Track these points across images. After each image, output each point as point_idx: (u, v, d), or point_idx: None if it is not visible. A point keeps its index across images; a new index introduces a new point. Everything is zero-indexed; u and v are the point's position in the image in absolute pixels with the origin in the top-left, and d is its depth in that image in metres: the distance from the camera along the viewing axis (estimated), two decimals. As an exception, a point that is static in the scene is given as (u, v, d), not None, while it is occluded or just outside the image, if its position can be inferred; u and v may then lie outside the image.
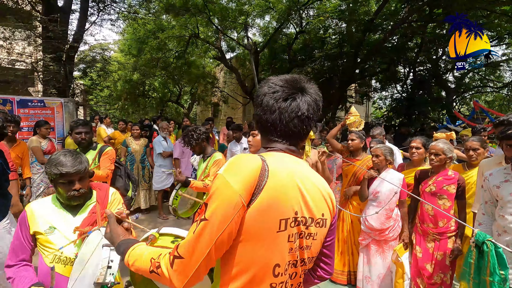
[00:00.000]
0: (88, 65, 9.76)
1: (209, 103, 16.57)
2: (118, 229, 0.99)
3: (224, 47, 13.43)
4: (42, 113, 6.04)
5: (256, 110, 0.92)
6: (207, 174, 2.75)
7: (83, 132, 2.75)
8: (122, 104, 15.38)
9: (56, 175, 1.41)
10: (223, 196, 0.76)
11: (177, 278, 0.74)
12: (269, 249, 0.79)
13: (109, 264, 1.16)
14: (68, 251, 1.43)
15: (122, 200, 1.75)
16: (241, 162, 0.80)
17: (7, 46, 8.04)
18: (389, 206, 2.72)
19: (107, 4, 9.01)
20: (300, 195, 0.84)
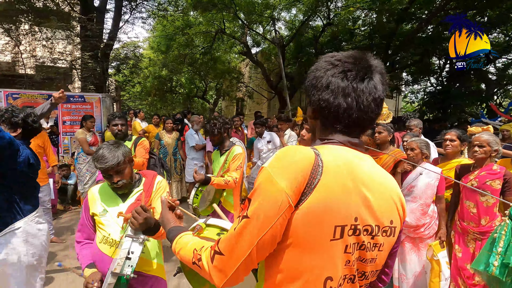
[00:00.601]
0: (122, 62, 10.22)
1: (234, 98, 16.73)
2: (169, 216, 0.99)
3: (249, 42, 13.46)
4: (82, 108, 6.44)
5: (317, 95, 0.76)
6: (226, 168, 2.63)
7: (119, 124, 2.95)
8: (151, 99, 15.96)
9: (99, 168, 1.53)
10: (267, 194, 0.66)
11: (217, 275, 0.69)
12: (321, 259, 0.69)
13: (129, 256, 1.15)
14: (116, 234, 1.53)
15: (167, 188, 1.83)
16: (290, 155, 0.70)
17: (49, 46, 8.64)
18: (425, 201, 2.62)
19: (139, 3, 9.34)
20: (363, 198, 0.71)
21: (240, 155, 2.64)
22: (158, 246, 1.69)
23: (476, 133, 3.29)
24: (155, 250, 1.65)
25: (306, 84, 0.80)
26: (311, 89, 0.79)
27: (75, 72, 9.32)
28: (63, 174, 5.34)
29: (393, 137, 3.16)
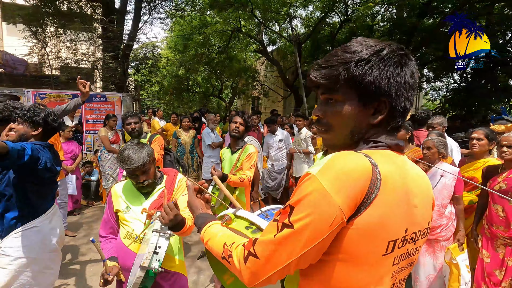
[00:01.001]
0: (141, 62, 10.48)
1: (250, 97, 16.77)
2: (197, 202, 0.97)
3: (265, 40, 13.45)
4: (104, 107, 6.67)
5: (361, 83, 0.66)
6: (239, 167, 2.64)
7: (133, 122, 3.02)
8: (169, 98, 16.28)
9: (125, 169, 1.57)
10: (319, 208, 0.59)
11: (248, 276, 0.66)
12: (369, 273, 0.65)
13: (156, 250, 1.19)
14: (138, 230, 1.58)
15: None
16: (345, 165, 0.61)
17: (73, 47, 8.98)
18: (442, 202, 2.52)
19: (158, 3, 9.53)
20: (412, 207, 0.68)
21: (253, 154, 2.65)
22: (180, 243, 1.73)
23: (499, 131, 3.13)
24: (177, 247, 1.68)
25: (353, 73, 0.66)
26: (346, 81, 0.67)
27: (97, 72, 9.65)
28: (86, 171, 5.55)
29: (411, 135, 3.07)
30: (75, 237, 4.01)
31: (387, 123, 0.69)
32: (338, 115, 0.70)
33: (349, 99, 0.68)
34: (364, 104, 0.68)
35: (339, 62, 0.67)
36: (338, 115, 0.70)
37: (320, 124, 0.75)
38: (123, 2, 8.65)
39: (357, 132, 0.70)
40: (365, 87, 0.66)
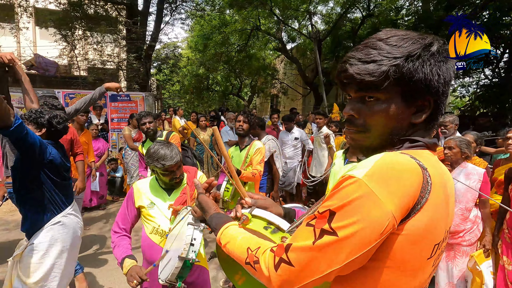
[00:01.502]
0: (162, 62, 10.74)
1: (269, 95, 16.74)
2: (209, 201, 0.93)
3: (284, 38, 13.36)
4: (128, 106, 6.92)
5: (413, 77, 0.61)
6: (249, 163, 2.75)
7: (147, 122, 3.08)
8: (189, 97, 16.60)
9: (159, 168, 1.59)
10: (369, 216, 0.54)
11: (280, 284, 0.61)
12: (414, 278, 0.62)
13: (192, 242, 1.25)
14: (164, 225, 1.63)
15: None
16: (396, 167, 0.57)
17: (99, 49, 9.37)
18: (466, 205, 2.39)
19: (179, 4, 9.72)
20: (449, 208, 0.65)
21: (262, 149, 2.78)
22: (202, 237, 1.77)
23: None
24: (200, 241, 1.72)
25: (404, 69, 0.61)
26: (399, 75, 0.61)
27: (121, 73, 10.02)
28: (112, 167, 5.79)
29: (437, 133, 2.93)
30: (101, 230, 4.20)
31: (427, 122, 0.66)
32: (378, 114, 0.64)
33: (392, 97, 0.62)
34: (407, 103, 0.63)
35: (384, 57, 0.61)
36: (378, 115, 0.64)
37: (353, 125, 0.68)
38: (146, 4, 8.90)
39: (397, 132, 0.65)
40: (414, 85, 0.61)
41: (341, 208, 0.57)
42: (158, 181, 1.74)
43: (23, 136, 1.57)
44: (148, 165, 1.64)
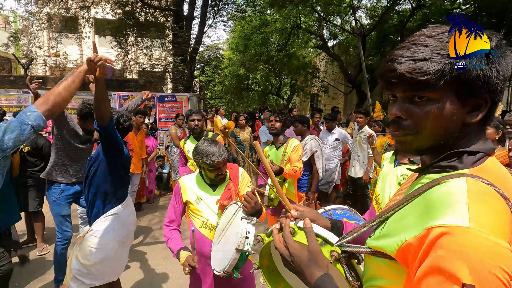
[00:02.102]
0: (205, 64, 11.17)
1: (309, 94, 16.47)
2: (322, 256, 0.70)
3: (326, 35, 13.01)
4: (174, 106, 7.33)
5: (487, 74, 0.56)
6: (287, 160, 2.79)
7: (196, 119, 3.13)
8: (229, 97, 17.05)
9: (206, 164, 1.66)
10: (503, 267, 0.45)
11: None
12: None
13: (247, 235, 1.30)
14: (213, 219, 1.71)
15: (250, 179, 1.96)
16: (494, 206, 0.51)
17: (148, 54, 10.06)
18: None
19: (221, 7, 10.02)
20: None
21: (299, 146, 2.82)
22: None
23: None
24: None
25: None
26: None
27: (167, 75, 10.64)
28: (159, 164, 6.19)
29: (503, 134, 2.61)
30: (150, 222, 4.53)
31: (482, 121, 0.60)
32: (430, 115, 0.59)
33: (446, 96, 0.58)
34: (462, 101, 0.58)
35: (438, 54, 0.57)
36: (431, 116, 0.59)
37: (401, 127, 0.63)
38: (191, 9, 9.33)
39: (450, 133, 0.60)
40: (471, 83, 0.56)
41: (477, 278, 0.44)
42: (203, 177, 1.82)
43: (113, 133, 1.84)
44: (197, 161, 1.71)
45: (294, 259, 0.70)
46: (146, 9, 9.41)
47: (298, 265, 0.69)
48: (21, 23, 10.51)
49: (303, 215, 0.83)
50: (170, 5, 9.14)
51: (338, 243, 0.74)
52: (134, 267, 3.20)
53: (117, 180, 2.07)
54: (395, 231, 0.58)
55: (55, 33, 9.87)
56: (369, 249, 0.64)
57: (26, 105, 6.89)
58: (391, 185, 1.66)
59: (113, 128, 1.89)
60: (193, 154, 1.74)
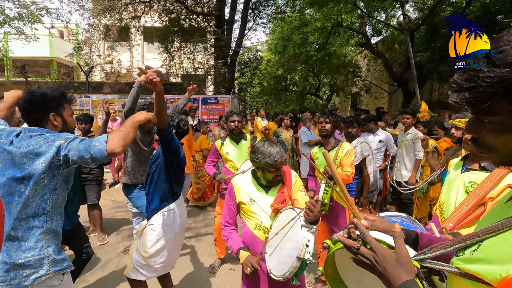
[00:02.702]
0: (245, 66, 11.39)
1: (349, 94, 15.93)
2: (411, 264, 0.67)
3: (369, 32, 12.48)
4: (216, 108, 7.59)
5: None
6: (338, 165, 2.67)
7: (237, 120, 3.16)
8: (267, 98, 17.16)
9: (268, 164, 1.67)
10: None
11: None
12: None
13: (307, 244, 1.31)
14: (266, 221, 1.71)
15: (302, 183, 1.94)
16: None
17: (191, 58, 10.55)
18: None
19: (261, 10, 10.14)
20: None
21: (351, 151, 2.69)
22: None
23: None
24: None
25: None
26: None
27: (209, 78, 11.06)
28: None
29: None
30: (196, 219, 4.74)
31: None
32: (499, 137, 0.57)
33: (508, 114, 0.54)
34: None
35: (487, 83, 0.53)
36: (499, 137, 0.57)
37: (477, 145, 0.62)
38: (232, 13, 9.60)
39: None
40: None
41: None
42: (257, 179, 1.82)
43: (171, 136, 2.00)
44: (257, 162, 1.71)
45: (378, 259, 0.68)
46: (190, 15, 9.88)
47: (383, 266, 0.67)
48: (84, 35, 11.70)
49: (374, 225, 0.81)
50: (212, 10, 9.50)
51: (418, 257, 0.71)
52: (181, 262, 3.37)
53: (174, 179, 2.21)
54: (497, 259, 0.54)
55: (111, 42, 10.83)
56: (458, 270, 0.61)
57: (87, 108, 7.66)
58: (457, 192, 1.56)
59: (171, 132, 2.02)
60: (253, 155, 1.73)
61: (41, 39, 13.15)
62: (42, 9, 11.66)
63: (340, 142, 2.81)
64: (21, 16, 11.84)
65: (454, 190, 1.58)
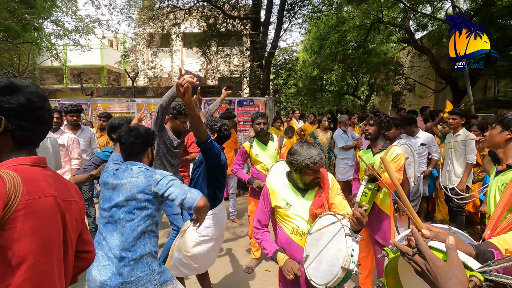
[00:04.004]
0: (281, 67, 11.38)
1: (390, 93, 15.09)
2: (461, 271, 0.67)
3: (412, 26, 11.71)
4: (252, 110, 7.67)
5: None
6: (384, 169, 2.45)
7: (262, 122, 3.16)
8: (302, 99, 16.92)
9: (308, 166, 1.63)
10: None
11: None
12: None
13: (352, 253, 1.28)
14: (303, 226, 1.67)
15: (339, 186, 1.88)
16: None
17: (228, 61, 10.80)
18: None
19: (297, 11, 10.07)
20: None
21: (401, 155, 2.47)
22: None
23: None
24: None
25: None
26: None
27: (244, 80, 11.24)
28: (238, 164, 6.58)
29: None
30: (227, 220, 4.85)
31: None
32: None
33: None
34: None
35: None
36: None
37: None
38: (268, 15, 9.65)
39: None
40: None
41: None
42: (293, 181, 1.78)
43: (211, 147, 2.03)
44: (296, 164, 1.67)
45: (430, 268, 0.69)
46: (227, 20, 10.13)
47: (434, 275, 0.68)
48: (130, 43, 12.64)
49: (437, 236, 0.78)
50: (248, 13, 9.64)
51: (482, 269, 0.69)
52: (218, 261, 3.45)
53: (216, 185, 2.29)
54: None
55: (154, 49, 11.52)
56: None
57: (133, 111, 8.22)
58: (494, 198, 1.50)
59: (211, 143, 2.02)
60: (290, 157, 1.70)
61: (93, 49, 14.46)
62: (95, 21, 12.82)
63: (389, 145, 2.63)
64: (78, 29, 13.13)
65: (492, 197, 1.52)
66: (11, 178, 0.79)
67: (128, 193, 1.60)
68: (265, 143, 3.27)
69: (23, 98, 0.89)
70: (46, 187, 0.88)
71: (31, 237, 0.81)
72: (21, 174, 0.82)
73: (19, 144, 0.91)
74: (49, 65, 15.16)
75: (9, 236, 0.78)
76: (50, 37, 13.15)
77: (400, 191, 0.91)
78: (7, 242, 0.77)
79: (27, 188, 0.81)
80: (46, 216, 0.85)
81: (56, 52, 13.32)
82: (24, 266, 0.80)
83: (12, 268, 0.78)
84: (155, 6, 9.57)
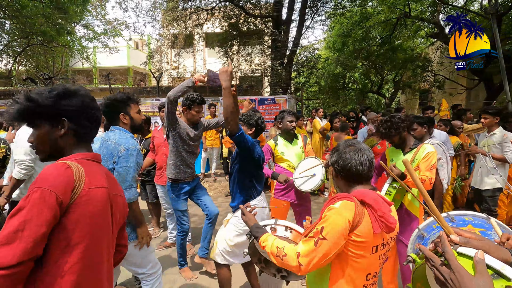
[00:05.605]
0: (303, 65, 11.26)
1: (417, 90, 14.44)
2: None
3: (442, 20, 11.14)
4: (273, 108, 7.67)
5: None
6: (415, 167, 2.38)
7: (294, 120, 3.12)
8: (323, 97, 16.63)
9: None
10: None
11: None
12: None
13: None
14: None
15: None
16: None
17: (249, 60, 10.84)
18: None
19: (319, 8, 9.91)
20: None
21: (432, 154, 2.35)
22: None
23: None
24: None
25: None
26: None
27: (266, 79, 11.23)
28: (259, 162, 6.61)
29: None
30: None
31: None
32: None
33: None
34: None
35: None
36: None
37: None
38: (289, 12, 9.57)
39: None
40: None
41: None
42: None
43: (243, 139, 2.09)
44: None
45: (455, 278, 0.65)
46: (249, 19, 10.17)
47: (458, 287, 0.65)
48: (155, 44, 13.06)
49: (469, 242, 0.73)
50: (270, 12, 9.62)
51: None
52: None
53: (254, 176, 2.34)
54: None
55: (178, 49, 11.81)
56: None
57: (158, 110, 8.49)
58: None
59: (242, 136, 2.07)
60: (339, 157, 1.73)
61: (120, 50, 15.08)
62: (122, 23, 13.34)
63: (420, 144, 2.51)
64: (106, 32, 13.74)
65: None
66: (77, 169, 0.93)
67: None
68: (291, 141, 3.23)
69: (78, 100, 1.01)
70: (101, 180, 1.01)
71: (89, 220, 0.93)
72: (84, 166, 0.96)
73: (79, 141, 1.05)
74: (80, 67, 16.01)
75: (72, 219, 0.89)
76: (81, 40, 13.89)
77: (423, 192, 0.87)
78: (70, 223, 0.89)
79: (88, 178, 0.95)
80: (100, 205, 0.97)
81: (87, 54, 14.04)
82: (81, 246, 0.91)
83: (71, 247, 0.89)
84: (179, 8, 9.80)
